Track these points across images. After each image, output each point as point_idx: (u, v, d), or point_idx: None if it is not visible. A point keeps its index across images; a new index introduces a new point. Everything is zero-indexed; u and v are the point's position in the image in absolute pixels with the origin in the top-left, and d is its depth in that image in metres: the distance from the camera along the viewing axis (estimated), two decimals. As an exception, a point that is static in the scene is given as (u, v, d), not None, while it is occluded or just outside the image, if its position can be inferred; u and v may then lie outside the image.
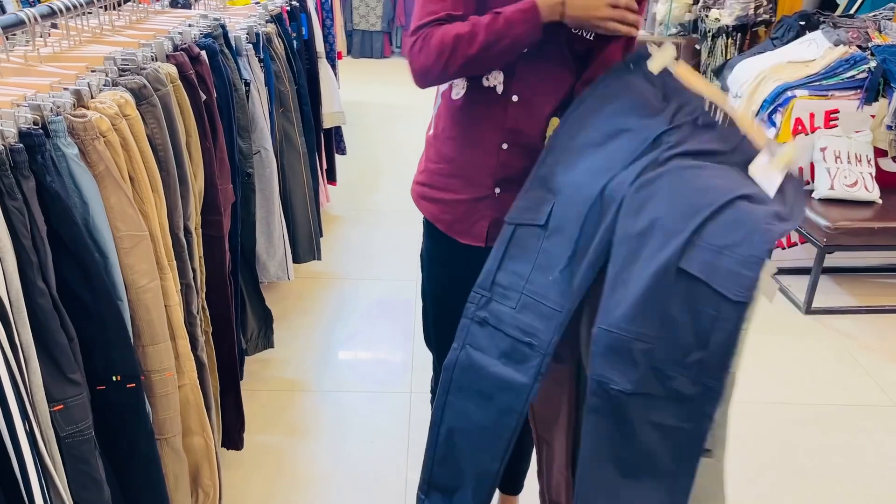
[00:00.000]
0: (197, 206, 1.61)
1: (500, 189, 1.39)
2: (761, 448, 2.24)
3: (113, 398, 1.26)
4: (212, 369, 1.76)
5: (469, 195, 1.42)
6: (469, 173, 1.41)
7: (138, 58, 1.44)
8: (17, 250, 1.03)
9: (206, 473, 1.57)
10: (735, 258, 1.06)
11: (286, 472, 2.06)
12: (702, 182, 1.15)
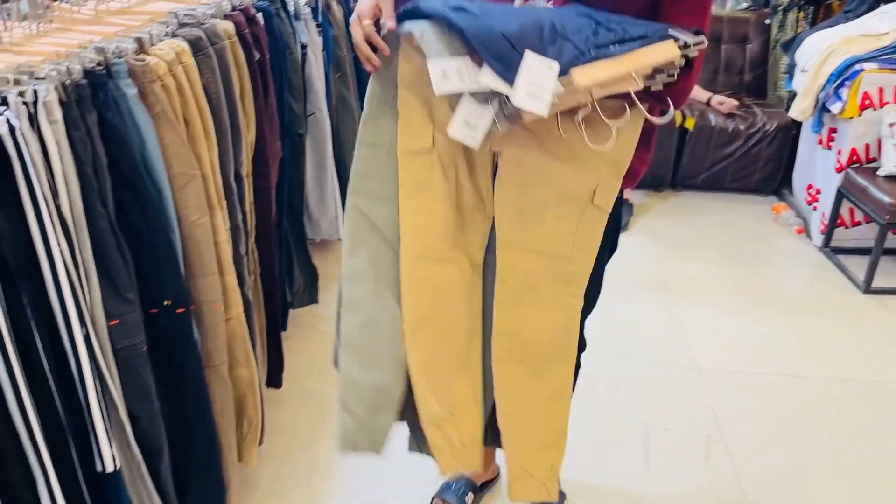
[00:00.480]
0: (248, 156, 1.72)
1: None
2: (813, 421, 2.24)
3: (164, 322, 1.38)
4: (258, 308, 1.89)
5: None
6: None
7: (199, 14, 1.55)
8: (79, 175, 1.15)
9: (250, 404, 1.69)
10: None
11: (327, 416, 2.18)
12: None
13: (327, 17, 2.43)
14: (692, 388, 2.37)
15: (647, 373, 2.44)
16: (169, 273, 1.36)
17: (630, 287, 2.96)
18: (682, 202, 3.83)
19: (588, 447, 2.10)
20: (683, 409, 2.27)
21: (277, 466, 1.99)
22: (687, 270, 3.11)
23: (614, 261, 1.94)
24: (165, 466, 1.43)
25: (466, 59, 1.15)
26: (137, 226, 1.29)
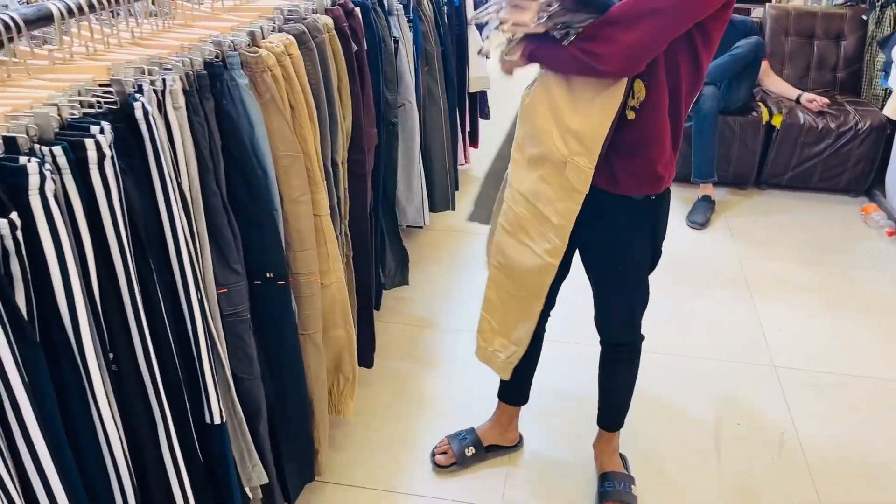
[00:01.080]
0: (344, 143, 1.84)
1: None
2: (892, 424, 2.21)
3: (266, 292, 1.51)
4: (350, 290, 2.00)
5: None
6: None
7: (301, 9, 1.67)
8: (197, 157, 1.28)
9: (346, 361, 1.81)
10: None
11: (410, 394, 2.29)
12: None
13: (418, 13, 2.53)
14: (768, 384, 2.36)
15: (722, 367, 2.44)
16: (271, 247, 1.48)
17: (708, 282, 2.96)
18: (765, 200, 3.77)
19: (659, 435, 2.14)
20: (758, 405, 2.27)
21: (360, 434, 2.11)
22: (768, 268, 3.07)
23: (692, 255, 1.97)
24: (263, 425, 1.56)
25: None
26: (245, 204, 1.42)
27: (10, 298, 0.86)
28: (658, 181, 1.56)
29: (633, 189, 1.58)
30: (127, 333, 1.07)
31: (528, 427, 2.15)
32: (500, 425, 2.08)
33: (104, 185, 0.99)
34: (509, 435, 2.09)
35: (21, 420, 0.88)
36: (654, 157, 1.52)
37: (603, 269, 1.76)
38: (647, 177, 1.56)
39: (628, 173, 1.56)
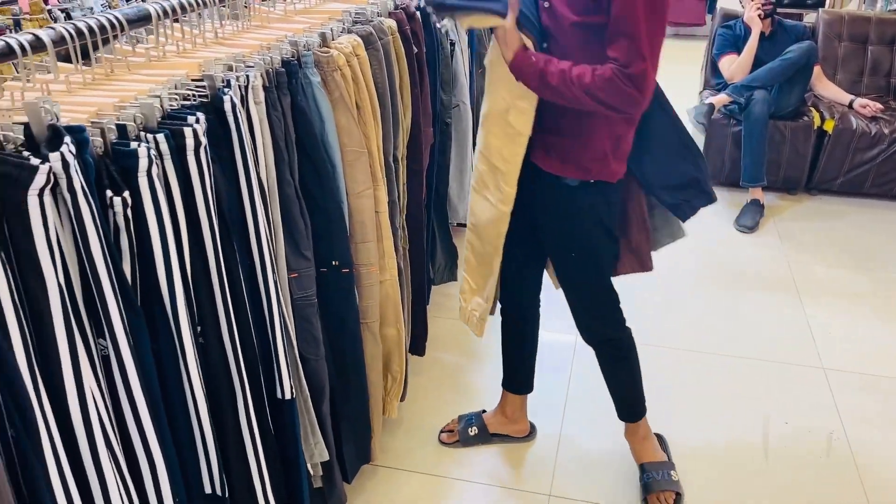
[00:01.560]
0: (404, 140, 1.92)
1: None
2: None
3: (331, 280, 1.60)
4: (407, 279, 2.09)
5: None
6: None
7: (368, 12, 1.76)
8: (274, 149, 1.38)
9: (395, 361, 1.89)
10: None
11: (457, 384, 2.36)
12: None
13: (473, 17, 2.60)
14: (817, 386, 2.37)
15: (770, 368, 2.46)
16: (338, 237, 1.57)
17: (756, 285, 2.97)
18: (816, 205, 3.75)
19: (706, 433, 2.17)
20: (806, 406, 2.28)
21: (409, 421, 2.18)
22: (818, 273, 3.07)
23: (740, 258, 1.98)
24: (326, 405, 1.64)
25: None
26: (315, 194, 1.51)
27: (120, 269, 0.96)
28: (584, 170, 1.64)
29: (561, 169, 1.65)
30: (213, 308, 1.16)
31: (574, 420, 2.20)
32: (504, 415, 2.14)
33: (199, 170, 1.09)
34: (516, 426, 2.14)
35: (125, 377, 0.98)
36: (585, 148, 1.61)
37: (557, 259, 1.82)
38: (573, 161, 1.64)
39: (557, 153, 1.65)
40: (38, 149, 0.86)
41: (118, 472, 0.99)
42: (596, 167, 1.63)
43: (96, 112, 1.02)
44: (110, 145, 0.97)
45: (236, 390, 1.23)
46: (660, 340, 2.59)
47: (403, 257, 2.03)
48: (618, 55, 1.44)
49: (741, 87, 3.53)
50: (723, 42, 3.80)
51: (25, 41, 0.98)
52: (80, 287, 0.93)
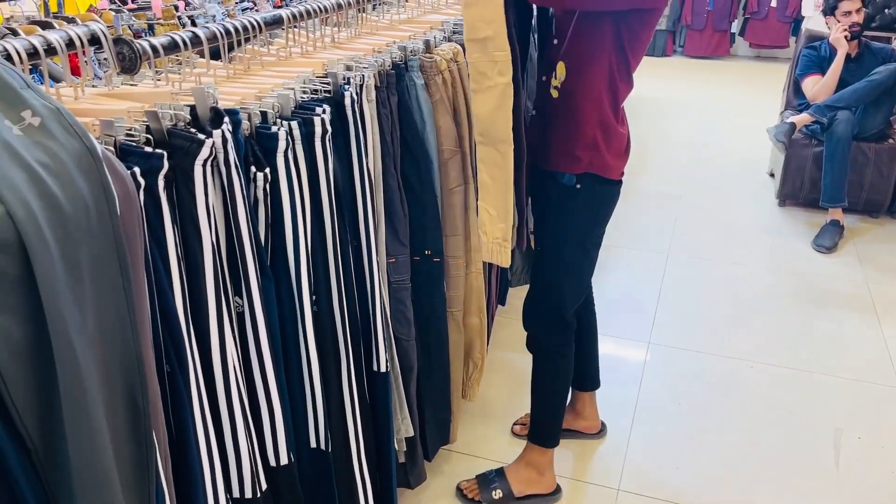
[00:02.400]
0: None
1: (535, 111, 1.75)
2: None
3: (423, 267, 1.72)
4: (494, 275, 2.20)
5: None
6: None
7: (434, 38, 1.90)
8: (381, 143, 1.51)
9: (477, 348, 1.99)
10: None
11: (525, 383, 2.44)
12: None
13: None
14: (893, 403, 2.37)
15: (845, 385, 2.46)
16: (432, 227, 1.69)
17: (834, 304, 2.96)
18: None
19: (778, 444, 2.20)
20: (880, 423, 2.28)
21: (481, 412, 2.28)
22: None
23: (818, 277, 2.02)
24: (414, 384, 1.76)
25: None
26: (414, 186, 1.64)
27: (258, 237, 1.10)
28: (576, 161, 1.66)
29: (553, 163, 1.68)
30: (327, 280, 1.29)
31: (644, 421, 2.26)
32: (574, 411, 2.20)
33: (324, 154, 1.23)
34: (586, 422, 2.20)
35: (256, 333, 1.12)
36: (572, 135, 1.64)
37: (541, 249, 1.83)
38: (564, 153, 1.67)
39: (550, 146, 1.68)
40: (201, 128, 1.00)
41: (244, 417, 1.13)
42: (587, 156, 1.65)
43: (240, 101, 1.17)
44: (255, 128, 1.11)
45: (341, 357, 1.36)
46: (732, 352, 2.62)
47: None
48: None
49: (824, 106, 3.53)
50: (807, 63, 3.80)
51: (186, 38, 1.14)
52: (226, 250, 1.07)
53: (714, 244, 3.46)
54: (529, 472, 1.98)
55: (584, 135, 1.64)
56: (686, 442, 2.20)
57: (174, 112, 0.99)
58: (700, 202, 3.92)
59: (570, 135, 1.65)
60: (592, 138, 1.64)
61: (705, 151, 4.75)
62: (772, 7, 7.61)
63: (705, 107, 5.89)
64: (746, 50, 8.17)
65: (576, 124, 1.64)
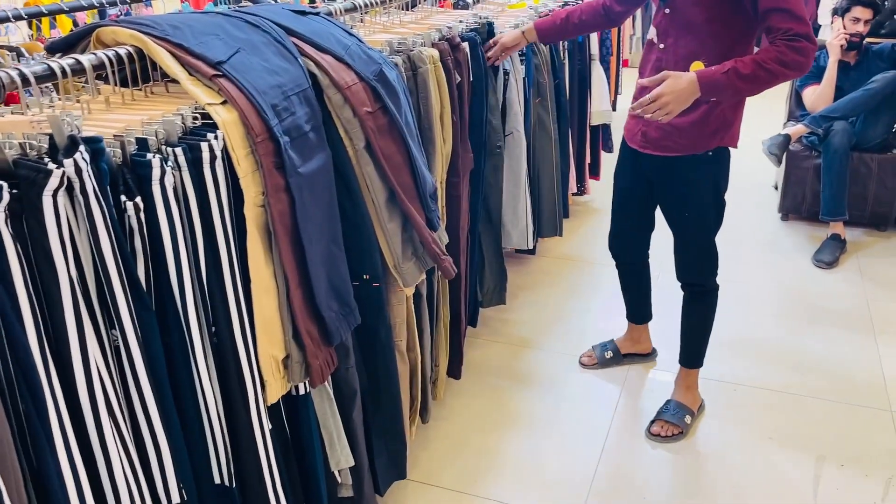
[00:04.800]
0: (443, 166, 1.99)
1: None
2: None
3: (363, 293, 1.67)
4: (444, 302, 2.14)
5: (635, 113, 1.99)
6: (637, 97, 2.00)
7: (409, 42, 1.86)
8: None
9: (413, 384, 1.94)
10: None
11: (501, 408, 2.38)
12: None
13: (531, 47, 2.66)
14: (882, 429, 2.24)
15: (835, 408, 2.34)
16: (368, 250, 1.65)
17: (830, 321, 2.84)
18: (907, 243, 3.55)
19: (757, 467, 2.09)
20: (867, 449, 2.16)
21: (448, 440, 2.22)
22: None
23: (815, 293, 1.98)
24: (357, 412, 1.70)
25: None
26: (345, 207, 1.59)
27: (131, 268, 1.07)
28: (710, 139, 1.98)
29: (690, 147, 1.99)
30: (226, 309, 1.25)
31: (615, 445, 2.17)
32: (632, 339, 2.59)
33: (214, 181, 1.19)
34: (642, 345, 2.59)
35: (133, 366, 1.08)
36: (712, 119, 1.94)
37: (676, 220, 2.16)
38: (700, 136, 1.97)
39: (685, 134, 1.97)
40: (56, 157, 0.98)
41: (125, 452, 1.09)
42: (719, 134, 1.97)
43: (124, 128, 1.14)
44: (129, 156, 1.08)
45: (247, 387, 1.31)
46: (719, 374, 2.52)
47: (440, 280, 2.09)
48: (783, 25, 1.73)
49: (820, 117, 3.41)
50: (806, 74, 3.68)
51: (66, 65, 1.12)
52: (94, 281, 1.04)
53: (709, 261, 3.35)
54: (694, 391, 2.32)
55: (720, 117, 1.94)
56: (659, 466, 2.11)
57: (29, 142, 0.97)
58: (699, 218, 3.81)
59: (707, 120, 1.94)
60: (723, 118, 1.95)
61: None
62: (787, 17, 7.45)
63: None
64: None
65: (711, 110, 1.92)
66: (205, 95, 1.23)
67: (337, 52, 1.53)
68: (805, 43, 1.71)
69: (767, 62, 1.72)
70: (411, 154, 1.66)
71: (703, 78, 1.76)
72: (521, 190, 2.65)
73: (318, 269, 1.43)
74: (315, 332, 1.44)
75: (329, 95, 1.48)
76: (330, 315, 1.47)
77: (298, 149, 1.36)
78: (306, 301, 1.41)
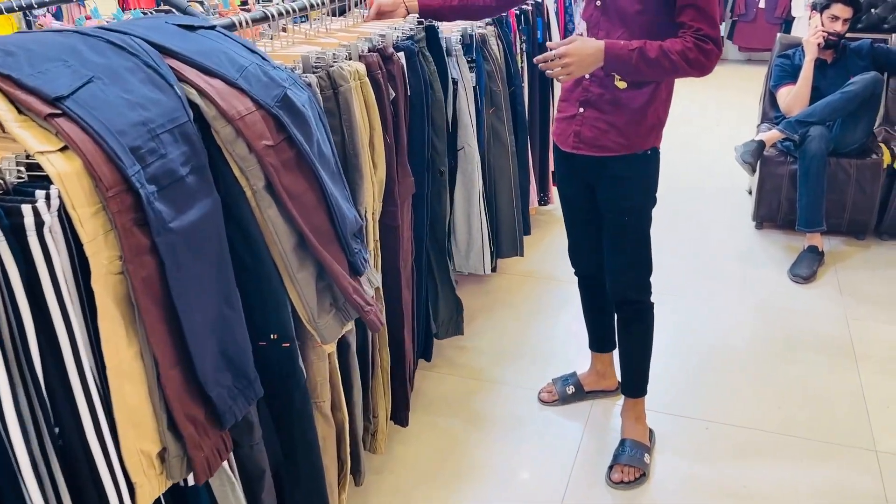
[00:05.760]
0: (376, 195, 1.75)
1: (583, 109, 1.90)
2: None
3: (271, 355, 1.44)
4: (383, 346, 1.91)
5: (566, 114, 1.96)
6: (566, 98, 1.96)
7: (328, 56, 1.61)
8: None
9: (342, 448, 1.70)
10: None
11: (455, 456, 2.14)
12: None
13: (482, 53, 2.43)
14: (866, 472, 2.05)
15: (815, 448, 2.14)
16: (274, 308, 1.40)
17: (808, 346, 2.64)
18: (886, 252, 3.36)
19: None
20: (851, 496, 1.96)
21: (392, 499, 1.99)
22: (881, 333, 2.71)
23: (792, 313, 1.78)
24: (268, 493, 1.47)
25: None
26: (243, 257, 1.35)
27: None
28: (645, 139, 1.89)
29: (627, 147, 1.88)
30: (72, 406, 1.01)
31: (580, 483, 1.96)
32: (597, 374, 2.39)
33: (43, 251, 0.94)
34: (607, 381, 2.38)
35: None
36: (647, 118, 1.87)
37: (612, 223, 1.99)
38: (636, 135, 1.88)
39: (623, 131, 1.88)
40: None
41: None
42: (654, 132, 1.90)
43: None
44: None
45: (108, 493, 1.07)
46: (685, 410, 2.31)
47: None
48: (696, 23, 1.70)
49: (796, 122, 3.21)
50: (780, 73, 3.49)
51: None
52: None
53: (680, 277, 3.14)
54: (643, 422, 2.18)
55: (655, 115, 1.87)
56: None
57: None
58: (671, 227, 3.60)
59: (644, 118, 1.86)
60: (657, 117, 1.89)
61: (681, 168, 4.44)
62: (760, 8, 7.29)
63: (686, 117, 5.55)
64: (736, 54, 7.84)
65: (647, 107, 1.85)
66: (36, 141, 0.98)
67: (228, 75, 1.28)
68: (712, 46, 1.71)
69: (672, 53, 1.70)
70: (325, 190, 1.42)
71: (609, 49, 1.72)
72: (475, 209, 2.42)
73: (202, 340, 1.18)
74: (201, 415, 1.20)
75: (217, 129, 1.23)
76: (220, 393, 1.22)
77: (170, 199, 1.11)
78: (186, 381, 1.17)
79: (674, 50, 1.71)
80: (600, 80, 1.86)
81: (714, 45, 1.71)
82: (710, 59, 1.72)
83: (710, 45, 1.71)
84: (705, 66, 1.73)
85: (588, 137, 1.91)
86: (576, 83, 1.92)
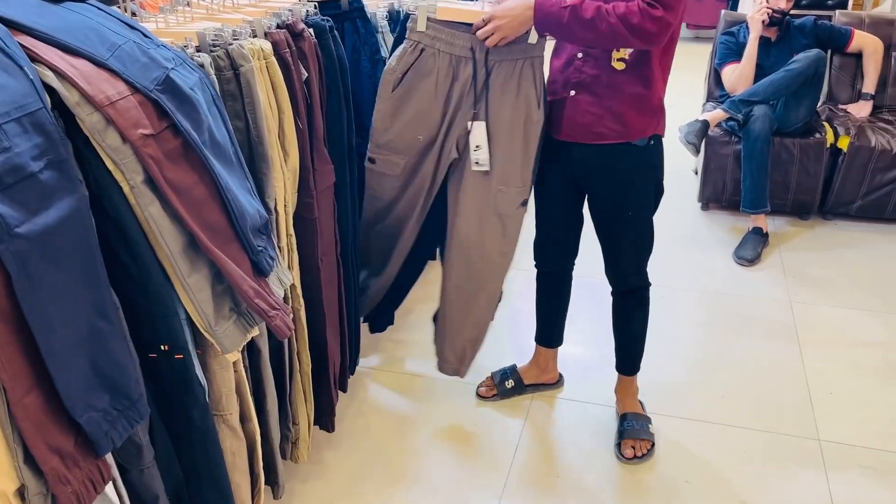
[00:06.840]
0: (288, 185, 1.61)
1: (574, 92, 1.75)
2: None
3: (163, 367, 1.29)
4: (303, 348, 1.77)
5: (555, 97, 1.80)
6: (555, 79, 1.79)
7: (226, 34, 1.45)
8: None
9: (254, 461, 1.57)
10: None
11: (384, 459, 2.03)
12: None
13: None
14: (809, 461, 1.99)
15: (757, 438, 2.08)
16: (163, 316, 1.26)
17: (751, 330, 2.58)
18: (830, 233, 3.34)
19: (668, 527, 1.81)
20: (794, 487, 1.91)
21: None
22: (824, 316, 2.67)
23: (735, 296, 1.70)
24: (162, 518, 1.34)
25: None
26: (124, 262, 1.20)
27: None
28: (647, 126, 1.76)
29: (625, 134, 1.75)
30: None
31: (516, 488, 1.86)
32: (538, 366, 2.27)
33: None
34: (548, 375, 2.28)
35: None
36: (645, 102, 1.72)
37: (613, 218, 1.88)
38: (636, 120, 1.73)
39: (620, 118, 1.74)
40: None
41: None
42: (656, 119, 1.76)
43: None
44: None
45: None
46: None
47: (297, 321, 1.72)
48: None
49: (739, 101, 3.14)
50: (725, 51, 3.42)
51: None
52: None
53: (625, 261, 3.06)
54: (637, 397, 2.14)
55: (657, 97, 1.73)
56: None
57: None
58: (615, 210, 3.52)
59: (644, 102, 1.71)
60: (659, 101, 1.75)
61: (629, 149, 4.36)
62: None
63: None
64: (684, 31, 7.82)
65: (648, 90, 1.71)
66: None
67: (97, 54, 1.12)
68: (662, 13, 1.51)
69: (611, 15, 1.54)
70: (220, 184, 1.27)
71: (540, 6, 1.61)
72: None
73: (65, 360, 1.03)
74: (69, 445, 1.05)
75: (81, 117, 1.07)
76: (92, 418, 1.08)
77: (18, 200, 0.96)
78: (48, 408, 1.02)
79: (614, 13, 1.53)
80: (595, 59, 1.69)
81: (665, 11, 1.51)
82: (659, 26, 1.52)
83: (660, 10, 1.51)
84: (651, 35, 1.53)
85: (583, 124, 1.75)
86: (566, 62, 1.74)
